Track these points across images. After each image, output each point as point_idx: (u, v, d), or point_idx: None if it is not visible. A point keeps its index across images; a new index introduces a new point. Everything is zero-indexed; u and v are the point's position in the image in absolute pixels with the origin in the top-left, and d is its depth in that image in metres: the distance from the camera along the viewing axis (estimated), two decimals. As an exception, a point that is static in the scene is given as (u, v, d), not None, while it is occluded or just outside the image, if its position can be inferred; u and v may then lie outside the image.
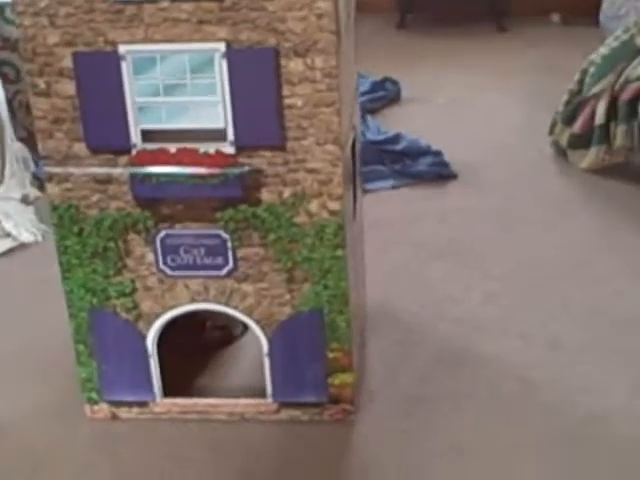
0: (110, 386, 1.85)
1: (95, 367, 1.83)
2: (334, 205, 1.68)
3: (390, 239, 2.51)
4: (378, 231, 2.46)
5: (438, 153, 2.85)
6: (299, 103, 1.62)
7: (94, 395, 1.86)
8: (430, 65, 3.68)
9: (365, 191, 2.61)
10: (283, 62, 1.59)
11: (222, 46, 1.58)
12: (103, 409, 1.87)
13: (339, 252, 1.72)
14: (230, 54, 1.59)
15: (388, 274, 2.34)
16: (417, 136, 2.95)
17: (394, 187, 2.75)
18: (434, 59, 3.73)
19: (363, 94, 3.20)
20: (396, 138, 2.89)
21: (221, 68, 1.60)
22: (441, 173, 2.80)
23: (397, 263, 2.41)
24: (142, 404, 1.86)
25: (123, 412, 1.87)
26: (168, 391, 1.86)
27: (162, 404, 1.87)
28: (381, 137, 2.91)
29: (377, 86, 3.35)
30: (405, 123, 3.10)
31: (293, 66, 1.60)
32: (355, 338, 1.87)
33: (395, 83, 3.44)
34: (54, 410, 1.92)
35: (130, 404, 1.87)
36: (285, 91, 1.61)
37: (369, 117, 3.10)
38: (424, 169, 2.79)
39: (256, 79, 1.60)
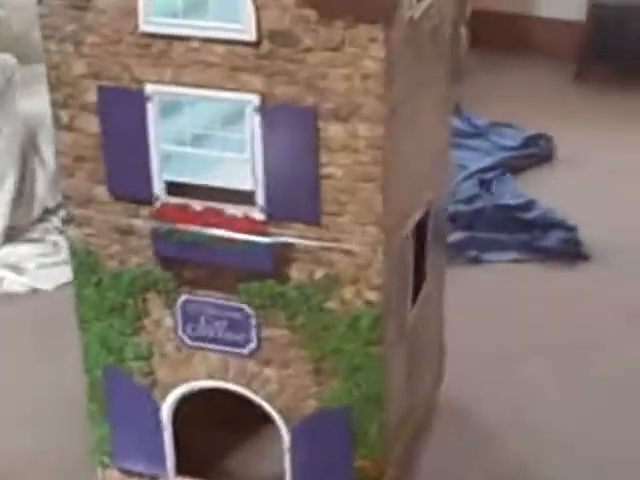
0: (122, 452, 1.65)
1: (108, 429, 1.64)
2: (371, 295, 1.42)
3: (491, 321, 2.17)
4: (481, 310, 2.17)
5: (572, 228, 2.45)
6: (338, 174, 1.36)
7: (106, 459, 1.67)
8: (601, 125, 3.14)
9: (480, 261, 2.35)
10: (322, 125, 1.34)
11: (255, 98, 1.35)
12: (114, 477, 1.69)
13: (374, 349, 1.45)
14: (264, 109, 1.35)
15: (473, 364, 2.00)
16: (556, 205, 2.54)
17: (515, 260, 2.39)
18: (609, 119, 3.18)
19: (511, 149, 2.85)
20: (529, 205, 2.52)
21: (253, 123, 1.36)
22: (570, 251, 2.41)
23: (489, 351, 2.06)
24: (154, 478, 1.68)
25: (133, 481, 1.72)
26: (183, 467, 1.64)
27: (175, 482, 1.70)
28: (512, 202, 2.54)
29: (529, 142, 2.93)
30: (549, 188, 2.70)
31: (333, 131, 1.34)
32: (396, 443, 1.59)
33: (549, 140, 2.97)
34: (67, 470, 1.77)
35: (142, 475, 1.68)
36: (323, 158, 1.36)
37: (509, 177, 2.72)
38: (552, 244, 2.40)
39: (291, 140, 1.36)
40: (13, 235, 2.49)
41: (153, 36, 1.36)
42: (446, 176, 1.74)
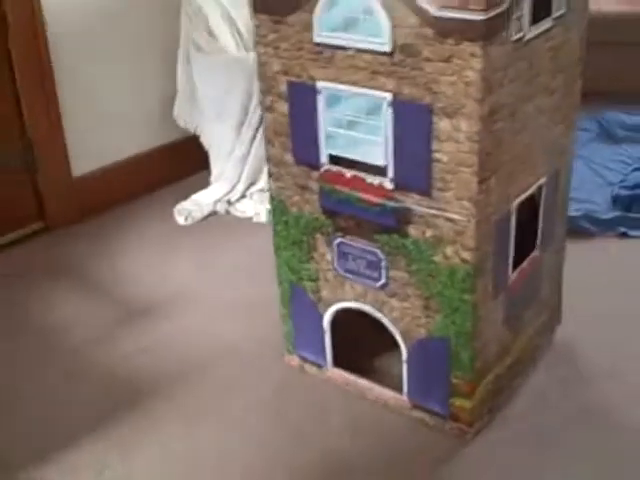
0: (300, 344, 1.66)
1: (292, 326, 1.66)
2: (466, 254, 1.31)
3: (625, 287, 1.91)
4: (617, 276, 1.93)
5: None
6: (444, 159, 1.26)
7: (290, 347, 1.69)
8: None
9: (627, 236, 2.09)
10: (435, 119, 1.24)
11: (389, 96, 1.28)
12: (295, 360, 1.69)
13: (466, 296, 1.34)
14: (395, 104, 1.28)
15: (590, 316, 1.78)
16: None
17: None
18: None
19: None
20: None
21: (387, 115, 1.30)
22: None
23: (612, 311, 1.81)
24: (319, 366, 1.66)
25: (307, 367, 1.67)
26: (338, 361, 1.63)
27: (331, 372, 1.64)
28: None
29: None
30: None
31: (442, 125, 1.24)
32: (490, 371, 1.47)
33: None
34: (265, 346, 1.77)
35: (312, 363, 1.67)
36: (434, 145, 1.26)
37: None
38: None
39: (413, 130, 1.28)
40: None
41: (323, 46, 1.34)
42: (562, 165, 1.54)
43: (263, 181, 2.33)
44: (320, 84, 1.36)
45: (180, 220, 2.32)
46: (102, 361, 1.78)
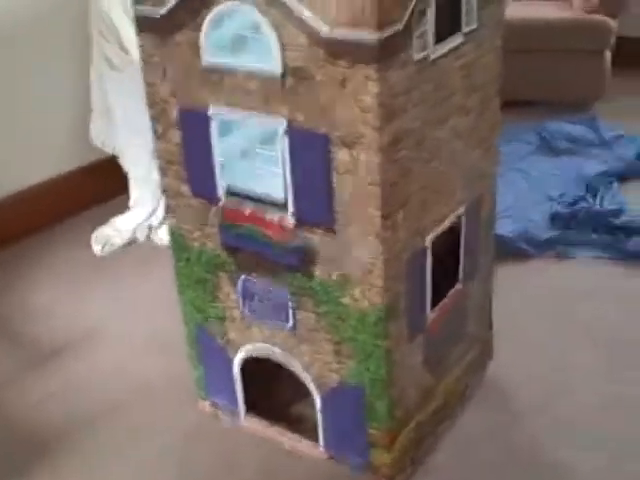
0: (211, 389, 1.51)
1: (202, 371, 1.51)
2: (375, 296, 1.18)
3: (559, 311, 1.78)
4: (553, 301, 1.80)
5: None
6: (345, 192, 1.13)
7: (202, 393, 1.54)
8: None
9: (566, 256, 1.98)
10: (333, 149, 1.12)
11: (284, 123, 1.14)
12: (207, 406, 1.54)
13: (379, 341, 1.21)
14: (290, 132, 1.15)
15: (523, 347, 1.66)
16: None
17: (597, 257, 1.95)
18: None
19: (626, 159, 2.35)
20: (620, 211, 2.06)
21: (283, 143, 1.16)
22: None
23: (545, 340, 1.69)
24: (232, 413, 1.50)
25: (220, 413, 1.52)
26: (252, 408, 1.48)
27: (245, 420, 1.49)
28: (607, 207, 2.08)
29: None
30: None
31: (341, 155, 1.11)
32: (411, 419, 1.34)
33: None
34: (180, 388, 1.61)
35: (224, 409, 1.51)
36: (334, 178, 1.13)
37: (616, 185, 2.23)
38: (633, 248, 1.95)
39: (311, 160, 1.15)
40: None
41: (211, 68, 1.20)
42: (484, 190, 1.42)
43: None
44: (212, 110, 1.22)
45: (97, 249, 2.17)
46: (6, 410, 1.63)
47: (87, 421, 1.58)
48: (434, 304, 1.33)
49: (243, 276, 1.33)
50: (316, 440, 1.40)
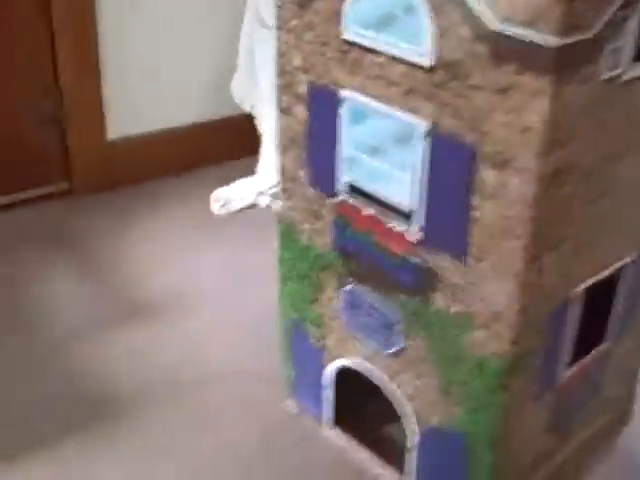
0: (300, 391, 1.37)
1: (292, 369, 1.37)
2: (500, 347, 0.98)
3: None
4: None
5: None
6: (485, 220, 0.93)
7: (289, 391, 1.40)
8: None
9: None
10: (477, 166, 0.91)
11: (426, 124, 0.95)
12: (293, 406, 1.40)
13: (498, 396, 1.02)
14: (432, 136, 0.96)
15: None
16: None
17: None
18: None
19: None
20: None
21: (420, 147, 0.97)
22: None
23: None
24: (317, 421, 1.36)
25: (305, 418, 1.37)
26: (341, 422, 1.33)
27: (329, 432, 1.34)
28: None
29: None
30: None
31: (487, 175, 0.91)
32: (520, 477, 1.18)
33: None
34: (265, 380, 1.47)
35: (311, 415, 1.37)
36: (474, 200, 0.94)
37: None
38: None
39: (451, 173, 0.95)
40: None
41: (351, 43, 1.02)
42: None
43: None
44: (344, 92, 1.04)
45: (215, 208, 2.06)
46: (79, 359, 1.54)
47: (163, 389, 1.47)
48: (572, 362, 1.12)
49: (350, 285, 1.18)
50: (401, 471, 1.25)
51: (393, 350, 1.14)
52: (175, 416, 1.42)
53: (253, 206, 2.08)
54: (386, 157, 1.03)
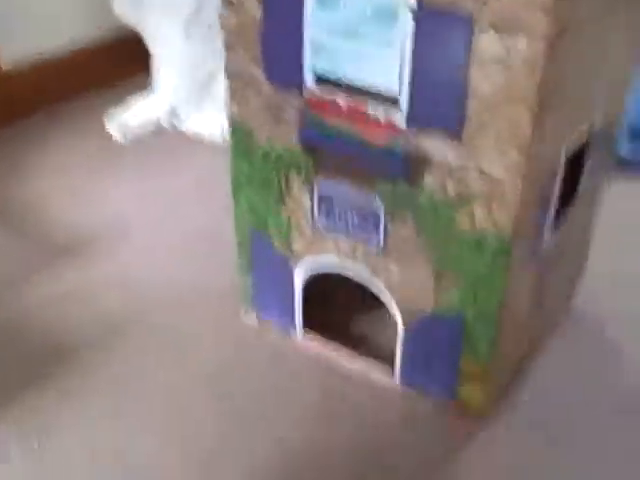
0: (260, 303, 1.32)
1: (251, 281, 1.31)
2: (502, 220, 0.97)
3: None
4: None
5: None
6: (486, 89, 0.91)
7: (247, 305, 1.35)
8: None
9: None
10: (477, 35, 0.88)
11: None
12: (253, 320, 1.37)
13: (497, 271, 1.02)
14: (420, 10, 0.91)
15: (609, 276, 1.47)
16: None
17: None
18: None
19: None
20: None
21: (405, 22, 0.93)
22: None
23: (627, 265, 1.52)
24: (285, 330, 1.34)
25: (267, 330, 1.33)
26: (308, 327, 1.31)
27: (301, 339, 1.31)
28: None
29: None
30: None
31: (487, 42, 0.88)
32: (508, 357, 1.17)
33: None
34: (216, 297, 1.42)
35: (275, 326, 1.34)
36: (473, 70, 0.90)
37: None
38: None
39: (443, 46, 0.91)
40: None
41: None
42: (621, 104, 1.21)
43: (219, 91, 1.92)
44: (308, -27, 0.98)
45: (117, 135, 1.90)
46: (17, 309, 1.40)
47: (112, 327, 1.37)
48: (554, 228, 1.14)
49: (322, 181, 1.13)
50: (391, 371, 1.24)
51: (376, 242, 1.11)
52: (133, 354, 1.32)
53: (157, 128, 1.96)
54: (365, 39, 0.96)
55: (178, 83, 1.92)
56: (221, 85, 1.91)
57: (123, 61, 2.09)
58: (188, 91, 1.92)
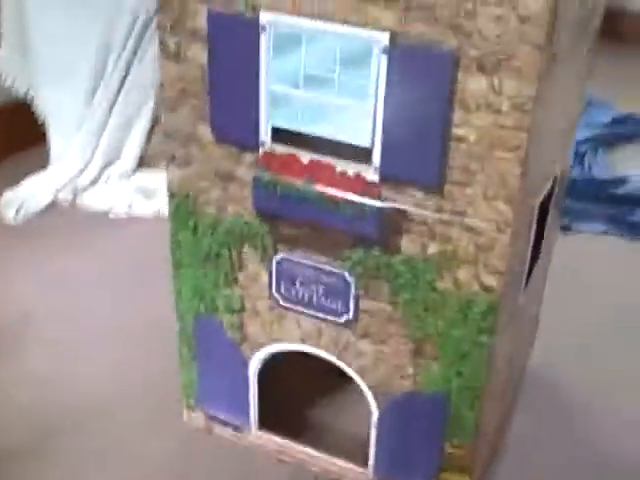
0: (208, 398, 1.16)
1: (196, 374, 1.15)
2: (490, 280, 0.88)
3: (574, 288, 1.55)
4: (569, 277, 1.55)
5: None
6: (471, 137, 0.82)
7: (192, 402, 1.19)
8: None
9: (570, 229, 1.73)
10: (461, 76, 0.80)
11: (385, 37, 0.84)
12: (199, 418, 1.20)
13: (484, 338, 0.91)
14: (394, 50, 0.83)
15: (558, 334, 1.40)
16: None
17: (605, 232, 1.74)
18: None
19: (604, 126, 2.13)
20: (620, 180, 1.86)
21: (379, 67, 0.84)
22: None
23: (573, 322, 1.45)
24: (237, 428, 1.18)
25: (218, 429, 1.18)
26: (265, 422, 1.15)
27: (257, 435, 1.17)
28: (606, 176, 1.88)
29: (618, 122, 2.17)
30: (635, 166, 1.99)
31: (473, 84, 0.80)
32: (489, 426, 1.07)
33: (638, 122, 2.19)
34: (157, 396, 1.25)
35: (225, 424, 1.19)
36: (456, 117, 0.82)
37: (601, 151, 2.03)
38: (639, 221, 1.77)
39: (422, 92, 0.82)
40: (147, 162, 1.86)
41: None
42: (571, 148, 1.19)
43: (126, 161, 1.79)
44: (265, 17, 0.88)
45: (9, 215, 1.73)
46: None
47: (30, 446, 1.17)
48: (526, 285, 1.05)
49: (281, 253, 1.00)
50: (364, 463, 1.09)
51: (345, 318, 0.98)
52: (61, 464, 1.13)
53: (52, 206, 1.79)
54: (331, 87, 0.87)
55: (78, 155, 1.77)
56: (127, 157, 1.80)
57: (19, 131, 1.91)
58: (90, 163, 1.78)
